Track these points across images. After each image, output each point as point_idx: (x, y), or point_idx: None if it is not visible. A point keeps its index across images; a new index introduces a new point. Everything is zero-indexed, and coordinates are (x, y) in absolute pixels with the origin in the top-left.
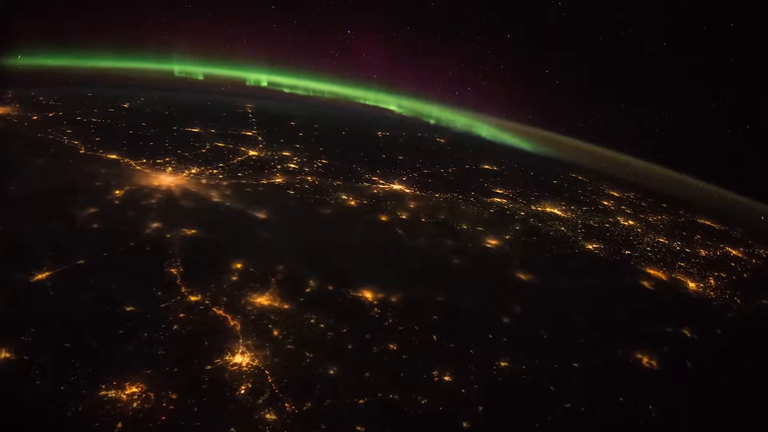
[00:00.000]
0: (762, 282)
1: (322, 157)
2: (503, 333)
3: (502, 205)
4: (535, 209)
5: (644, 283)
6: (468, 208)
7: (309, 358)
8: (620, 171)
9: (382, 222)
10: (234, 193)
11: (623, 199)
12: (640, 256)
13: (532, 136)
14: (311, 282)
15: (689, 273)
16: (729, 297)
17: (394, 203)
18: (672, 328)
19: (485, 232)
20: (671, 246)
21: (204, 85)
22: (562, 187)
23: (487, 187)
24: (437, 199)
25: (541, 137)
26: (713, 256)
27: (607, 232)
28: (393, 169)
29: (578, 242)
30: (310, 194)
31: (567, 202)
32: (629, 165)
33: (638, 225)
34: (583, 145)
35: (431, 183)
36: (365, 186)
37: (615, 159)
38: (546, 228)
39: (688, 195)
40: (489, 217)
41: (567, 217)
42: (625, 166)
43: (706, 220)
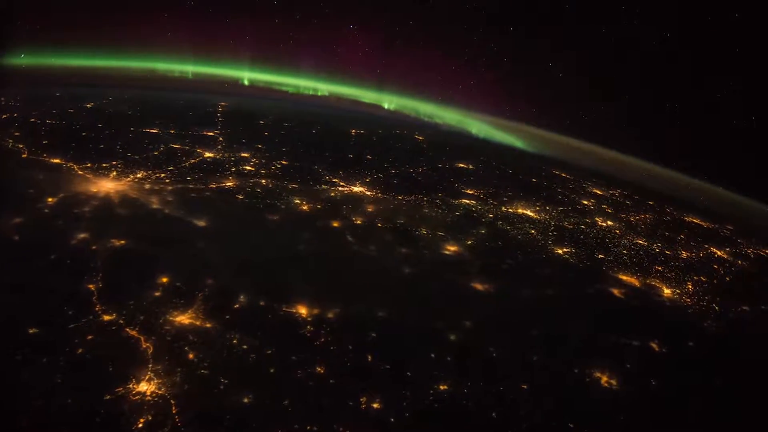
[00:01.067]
0: (744, 286)
1: (283, 158)
2: (448, 352)
3: (470, 206)
4: (505, 211)
5: (614, 291)
6: (431, 211)
7: (223, 385)
8: (614, 169)
9: (332, 228)
10: (176, 199)
11: (606, 198)
12: (614, 260)
13: (526, 133)
14: (241, 297)
15: (666, 278)
16: (707, 304)
17: (351, 207)
18: (639, 341)
19: (445, 238)
20: (650, 248)
21: (188, 83)
22: (540, 186)
23: (457, 187)
24: (399, 201)
25: (536, 135)
26: (695, 258)
27: (582, 234)
28: (357, 170)
29: (547, 246)
30: (260, 199)
31: (543, 202)
32: (627, 164)
33: (617, 226)
34: (582, 144)
35: (396, 184)
36: (323, 189)
37: (614, 158)
38: (514, 231)
39: (680, 193)
40: (452, 221)
41: (539, 218)
42: (621, 164)
43: (695, 218)
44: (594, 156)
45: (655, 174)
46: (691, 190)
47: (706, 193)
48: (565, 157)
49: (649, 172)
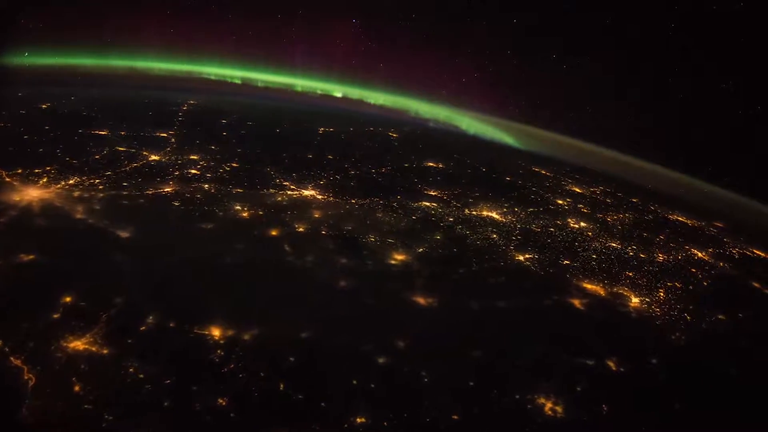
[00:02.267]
0: (722, 292)
1: (235, 160)
2: (373, 378)
3: (430, 210)
4: (468, 214)
5: (575, 302)
6: (385, 215)
7: (106, 422)
8: (606, 167)
9: (270, 237)
10: (105, 208)
11: (585, 197)
12: (580, 266)
13: (524, 132)
14: (150, 318)
15: (636, 285)
16: (677, 314)
17: (296, 213)
18: (594, 359)
19: (395, 245)
20: (623, 251)
21: (173, 81)
22: (514, 185)
23: (419, 188)
24: (352, 205)
25: (534, 134)
26: (672, 261)
27: (549, 238)
28: (313, 172)
29: (508, 253)
30: (197, 206)
31: (512, 203)
32: (623, 162)
33: (591, 227)
34: (582, 144)
35: (353, 186)
36: (270, 193)
37: (611, 157)
38: (474, 236)
39: (670, 190)
40: (407, 226)
41: (505, 221)
42: (615, 163)
43: (680, 216)
44: (588, 154)
45: (647, 171)
46: (679, 186)
47: (699, 190)
48: (556, 154)
49: (644, 171)
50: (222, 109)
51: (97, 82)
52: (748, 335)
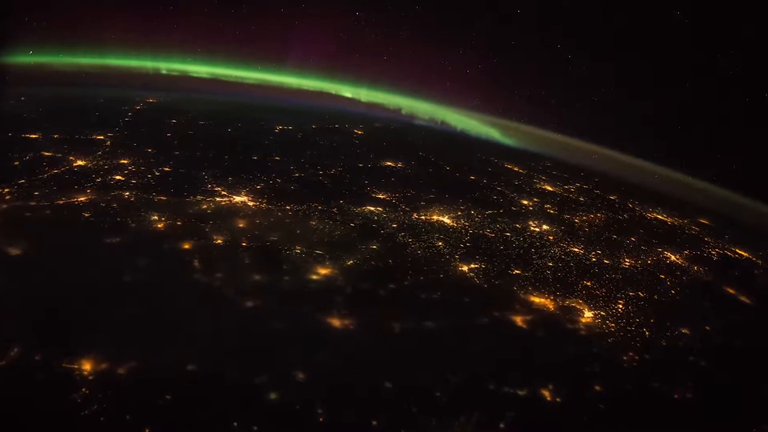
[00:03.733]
0: (691, 301)
1: (170, 164)
2: (257, 418)
3: (373, 216)
4: (416, 219)
5: (516, 319)
6: (320, 223)
7: None
8: (590, 163)
9: (180, 251)
10: (3, 221)
11: (556, 195)
12: (532, 276)
13: (515, 130)
14: (14, 350)
15: (592, 296)
16: (635, 329)
17: (218, 223)
18: (527, 388)
19: (322, 258)
20: (585, 257)
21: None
22: (477, 184)
23: (368, 191)
24: (285, 212)
25: (527, 132)
26: (639, 266)
27: (503, 244)
28: (253, 175)
29: (451, 263)
30: (110, 216)
31: (470, 205)
32: (619, 161)
33: (554, 230)
34: (578, 143)
35: (292, 191)
36: (196, 201)
37: (605, 155)
38: (416, 245)
39: (660, 187)
40: (341, 235)
41: (456, 226)
42: (608, 161)
43: (661, 214)
44: (580, 152)
45: (639, 169)
46: (670, 182)
47: (687, 186)
48: (546, 151)
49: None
50: (179, 107)
51: (63, 81)
52: (714, 352)
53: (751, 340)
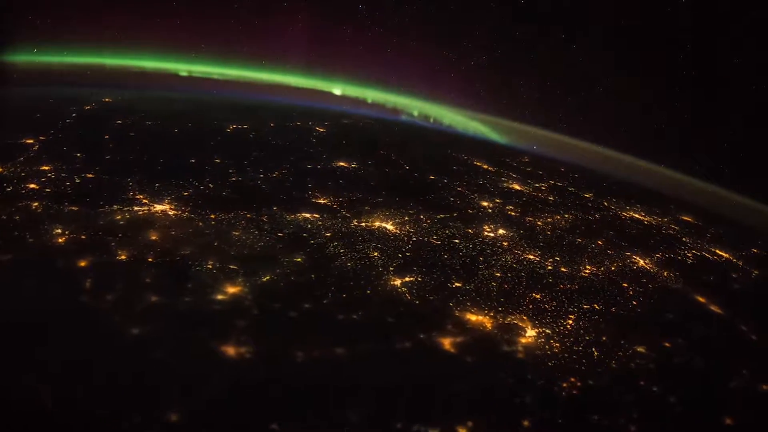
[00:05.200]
0: (654, 313)
1: (95, 169)
2: None
3: (306, 223)
4: (355, 226)
5: (444, 342)
6: (244, 233)
7: None
8: (577, 161)
9: (75, 270)
10: None
11: (523, 195)
12: (473, 289)
13: (512, 128)
14: None
15: (540, 311)
16: (583, 349)
17: (128, 236)
18: (442, 427)
19: (234, 274)
20: (541, 265)
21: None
22: (435, 184)
23: (308, 196)
24: (208, 222)
25: (526, 131)
26: (602, 274)
27: (447, 253)
28: (183, 180)
29: (383, 276)
30: (7, 230)
31: (420, 209)
32: (613, 159)
33: (511, 235)
34: (575, 142)
35: (223, 197)
36: (111, 211)
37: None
38: (347, 256)
39: (646, 183)
40: (265, 246)
41: (398, 233)
42: (599, 159)
43: (638, 212)
44: (573, 151)
45: (633, 167)
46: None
47: (682, 185)
48: (536, 149)
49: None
50: (134, 107)
51: (25, 81)
52: (670, 374)
53: (715, 358)
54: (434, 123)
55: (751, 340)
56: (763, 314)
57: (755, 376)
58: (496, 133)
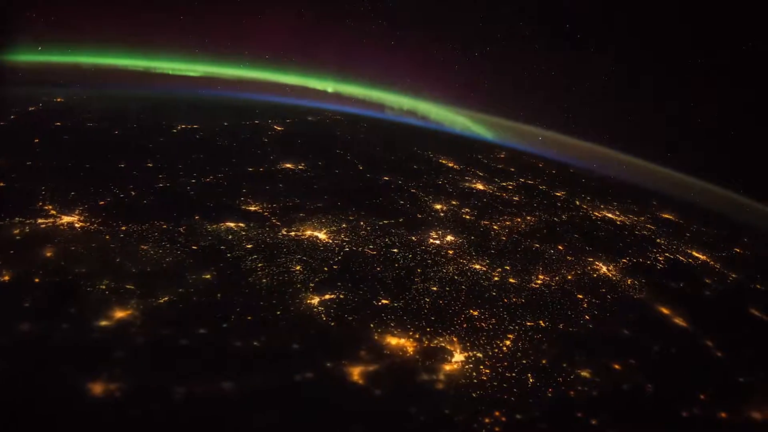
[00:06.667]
0: (607, 330)
1: (10, 177)
2: None
3: (228, 234)
4: (284, 235)
5: (353, 372)
6: (152, 247)
7: None
8: (564, 158)
9: None
10: None
11: (485, 195)
12: (401, 307)
13: (508, 127)
14: None
15: (473, 332)
16: (516, 375)
17: (22, 252)
18: None
19: (131, 294)
20: (485, 276)
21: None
22: (387, 186)
23: (238, 203)
24: (116, 235)
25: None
26: (556, 284)
27: (382, 264)
28: (104, 187)
29: (300, 294)
30: None
31: (363, 214)
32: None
33: (458, 242)
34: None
35: (143, 206)
36: (10, 224)
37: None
38: (264, 271)
39: (632, 180)
40: (173, 262)
41: (330, 242)
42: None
43: (611, 213)
44: (568, 149)
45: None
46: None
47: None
48: (528, 148)
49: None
50: (83, 107)
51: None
52: (614, 406)
53: (670, 382)
54: (420, 119)
55: (714, 357)
56: (732, 326)
57: (713, 402)
58: (484, 129)
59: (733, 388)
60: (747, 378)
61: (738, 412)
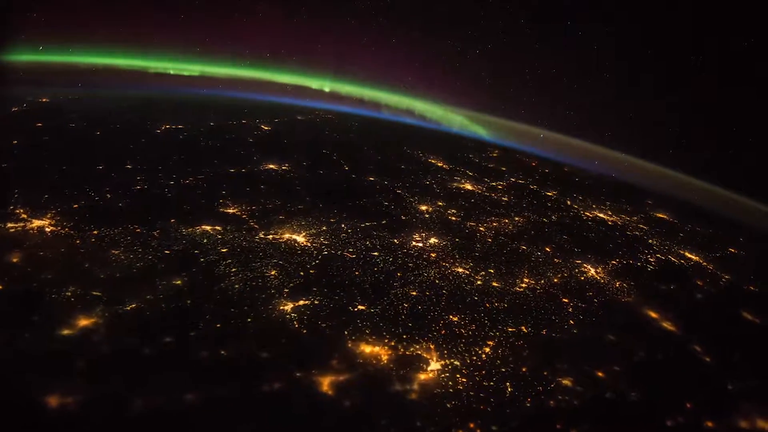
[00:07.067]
0: (592, 335)
1: None
2: None
3: (203, 237)
4: (261, 238)
5: (322, 382)
6: (123, 252)
7: None
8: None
9: None
10: None
11: (473, 196)
12: (379, 313)
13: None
14: None
15: (452, 337)
16: (494, 385)
17: None
18: None
19: (97, 301)
20: (468, 280)
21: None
22: (372, 187)
23: (216, 205)
24: (86, 239)
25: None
26: (541, 288)
27: (361, 268)
28: (79, 190)
29: (274, 300)
30: None
31: (345, 216)
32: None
33: (442, 244)
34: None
35: (118, 209)
36: None
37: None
38: (239, 276)
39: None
40: (143, 267)
41: (308, 246)
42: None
43: (604, 213)
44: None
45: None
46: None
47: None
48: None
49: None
50: (68, 107)
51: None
52: (595, 417)
53: (655, 389)
54: (417, 118)
55: (703, 363)
56: (722, 330)
57: (699, 411)
58: (482, 128)
59: (721, 395)
60: (736, 385)
61: (725, 421)
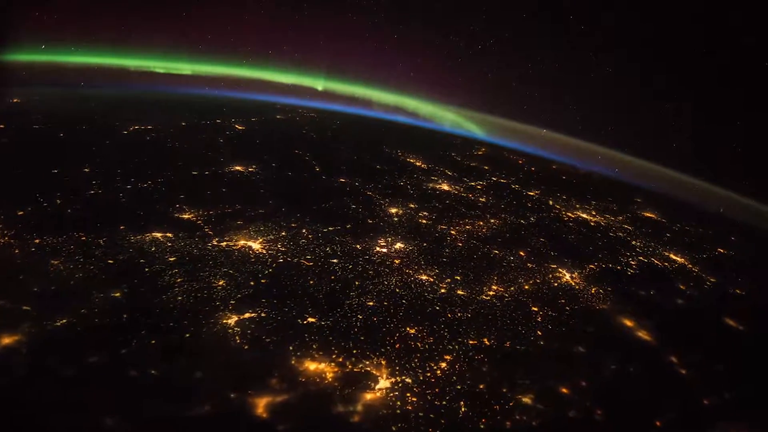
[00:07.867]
0: (560, 347)
1: None
2: None
3: (151, 246)
4: (213, 246)
5: (258, 404)
6: (64, 262)
7: None
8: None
9: None
10: None
11: (448, 197)
12: (330, 326)
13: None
14: None
15: (407, 352)
16: (447, 404)
17: None
18: None
19: (24, 317)
20: (431, 289)
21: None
22: (340, 190)
23: (170, 210)
24: (25, 249)
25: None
26: (509, 295)
27: (318, 276)
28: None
29: (217, 313)
30: None
31: (307, 220)
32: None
33: (408, 249)
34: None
35: (63, 216)
36: None
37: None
38: (183, 287)
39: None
40: (82, 278)
41: (264, 254)
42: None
43: (587, 213)
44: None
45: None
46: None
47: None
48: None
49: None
50: (39, 108)
51: None
52: None
53: (624, 408)
54: (408, 116)
55: (678, 376)
56: (702, 339)
57: (670, 430)
58: (476, 126)
59: (696, 412)
60: (713, 400)
61: None
